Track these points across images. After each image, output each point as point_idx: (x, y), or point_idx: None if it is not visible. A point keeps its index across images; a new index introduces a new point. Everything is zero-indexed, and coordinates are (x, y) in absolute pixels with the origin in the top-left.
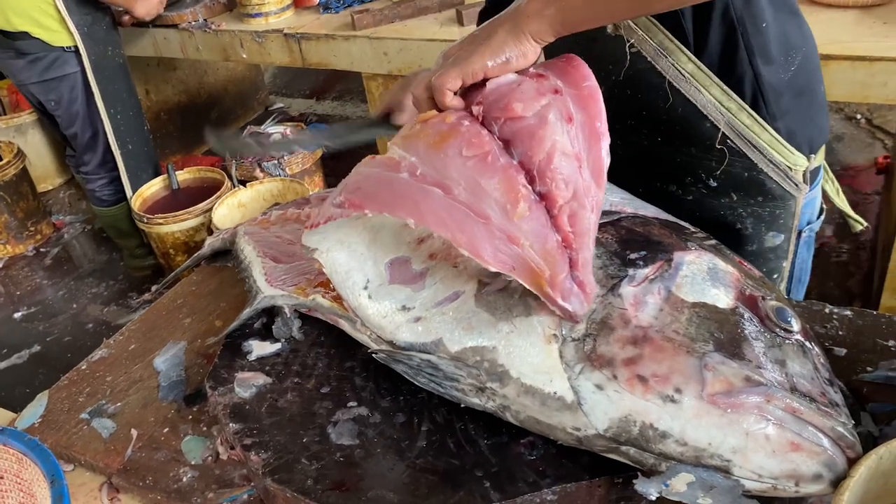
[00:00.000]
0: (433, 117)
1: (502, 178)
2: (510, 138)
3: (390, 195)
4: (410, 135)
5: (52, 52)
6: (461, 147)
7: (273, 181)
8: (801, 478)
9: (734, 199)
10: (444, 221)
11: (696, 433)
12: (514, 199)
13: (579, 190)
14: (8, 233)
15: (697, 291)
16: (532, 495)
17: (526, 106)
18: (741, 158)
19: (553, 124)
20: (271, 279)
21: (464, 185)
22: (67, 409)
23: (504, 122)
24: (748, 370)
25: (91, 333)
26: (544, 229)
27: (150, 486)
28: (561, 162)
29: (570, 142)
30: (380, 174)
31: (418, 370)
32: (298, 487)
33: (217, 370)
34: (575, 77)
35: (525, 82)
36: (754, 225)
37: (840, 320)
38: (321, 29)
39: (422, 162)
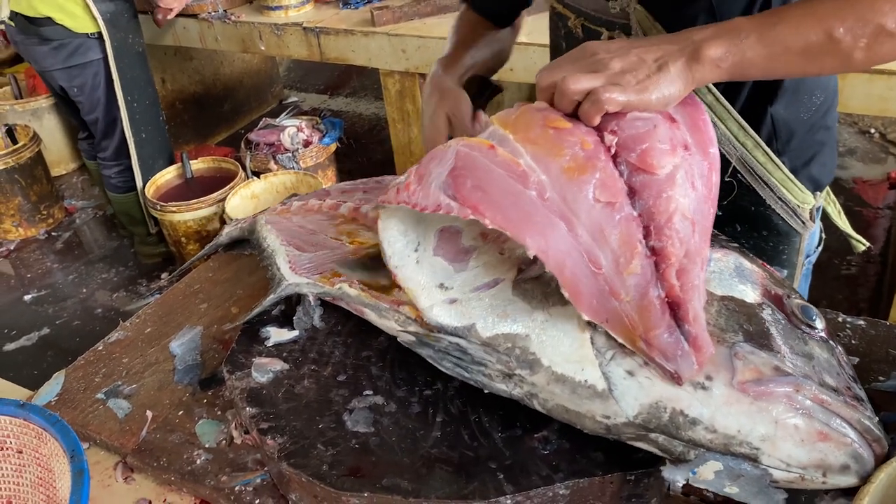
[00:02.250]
0: (565, 129)
1: (624, 231)
2: (637, 188)
3: (517, 213)
4: (540, 142)
5: (76, 39)
6: (595, 187)
7: (286, 174)
8: (829, 468)
9: (738, 230)
10: (563, 263)
11: (726, 420)
12: (630, 255)
13: (691, 249)
14: (21, 216)
15: (725, 286)
16: (545, 489)
17: (660, 161)
18: (750, 193)
19: (680, 187)
20: (295, 267)
21: (588, 227)
22: (83, 389)
23: (635, 171)
24: (777, 360)
25: (100, 319)
26: (647, 284)
27: (165, 467)
28: (680, 223)
29: (690, 206)
30: (505, 180)
31: (445, 353)
32: (314, 472)
33: (235, 355)
34: (703, 139)
35: (661, 127)
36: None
37: (853, 330)
38: (340, 24)
39: (552, 186)
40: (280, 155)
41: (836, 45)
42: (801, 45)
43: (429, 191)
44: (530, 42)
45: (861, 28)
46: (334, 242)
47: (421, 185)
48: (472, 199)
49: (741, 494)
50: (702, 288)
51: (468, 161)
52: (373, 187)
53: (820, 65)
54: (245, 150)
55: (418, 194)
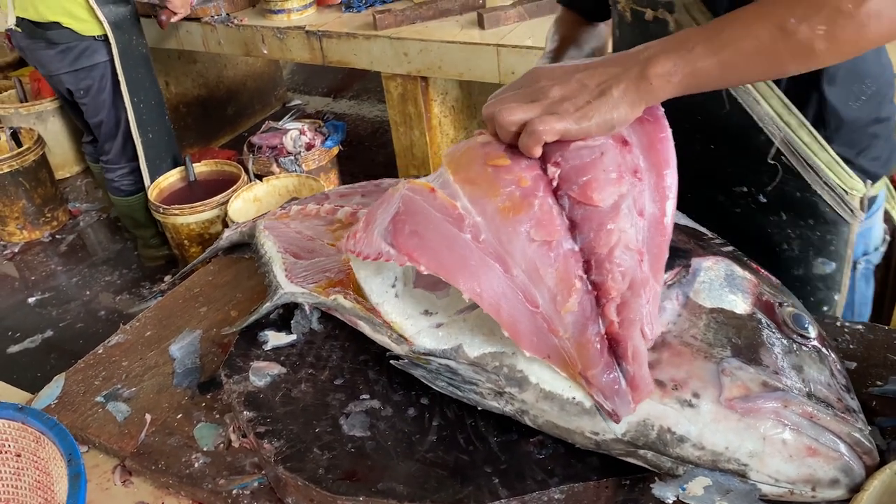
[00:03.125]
0: (503, 166)
1: (560, 268)
2: (578, 221)
3: (451, 258)
4: (479, 182)
5: (83, 42)
6: (531, 227)
7: (289, 177)
8: (818, 483)
9: (783, 219)
10: (499, 304)
11: (714, 437)
12: (567, 292)
13: (636, 282)
14: (25, 218)
15: (715, 297)
16: (540, 493)
17: (603, 194)
18: (794, 177)
19: (624, 218)
20: (292, 276)
21: (524, 266)
22: (83, 392)
23: (576, 204)
24: (765, 375)
25: (103, 321)
26: (586, 320)
27: (163, 470)
28: (622, 256)
29: (636, 235)
30: (441, 224)
31: (437, 374)
32: (310, 476)
33: (233, 358)
34: (658, 160)
35: (608, 153)
36: (801, 248)
37: (851, 334)
38: (343, 27)
39: (487, 227)
40: (282, 158)
41: (792, 38)
42: (753, 46)
43: (372, 238)
44: (533, 45)
45: (814, 14)
46: (331, 249)
47: (366, 233)
48: (408, 246)
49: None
50: (649, 323)
51: (409, 206)
52: (371, 190)
53: (780, 64)
54: (248, 153)
55: (363, 242)
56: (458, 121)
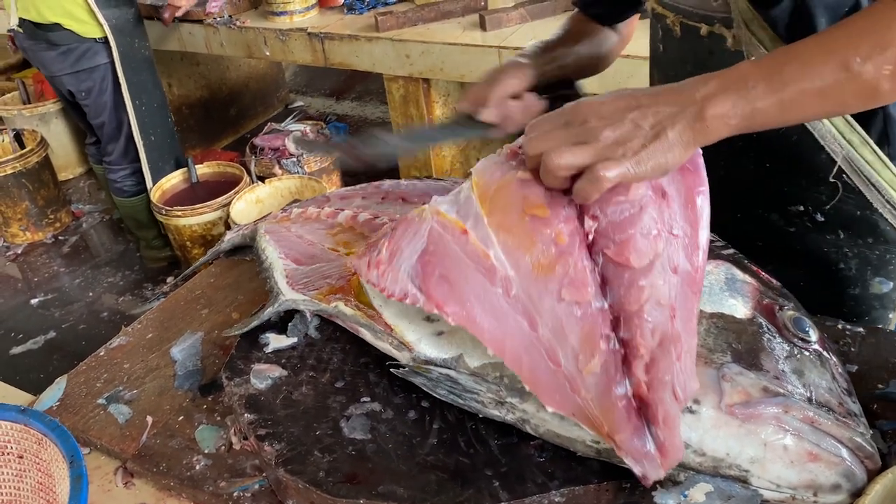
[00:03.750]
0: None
1: (586, 328)
2: (610, 278)
3: (480, 311)
4: (515, 231)
5: (84, 44)
6: (562, 286)
7: (291, 178)
8: (820, 488)
9: (840, 237)
10: (521, 359)
11: (715, 444)
12: (590, 353)
13: (666, 338)
14: (28, 220)
15: (715, 302)
16: (540, 496)
17: (638, 255)
18: (855, 195)
19: (656, 274)
20: (293, 282)
21: (550, 325)
22: (85, 394)
23: (609, 262)
24: (766, 381)
25: (106, 322)
26: (611, 383)
27: (164, 472)
28: (653, 311)
29: (668, 292)
30: (472, 274)
31: (437, 383)
32: (310, 479)
33: (234, 361)
34: (694, 217)
35: (648, 209)
36: (859, 267)
37: (852, 337)
38: (345, 29)
39: (519, 283)
40: (285, 160)
41: (857, 78)
42: (816, 85)
43: (397, 275)
44: None
45: (881, 54)
46: (331, 254)
47: (390, 266)
48: (437, 293)
49: None
50: (681, 384)
51: (439, 246)
52: (371, 192)
53: (843, 104)
54: (250, 154)
55: (388, 277)
56: None
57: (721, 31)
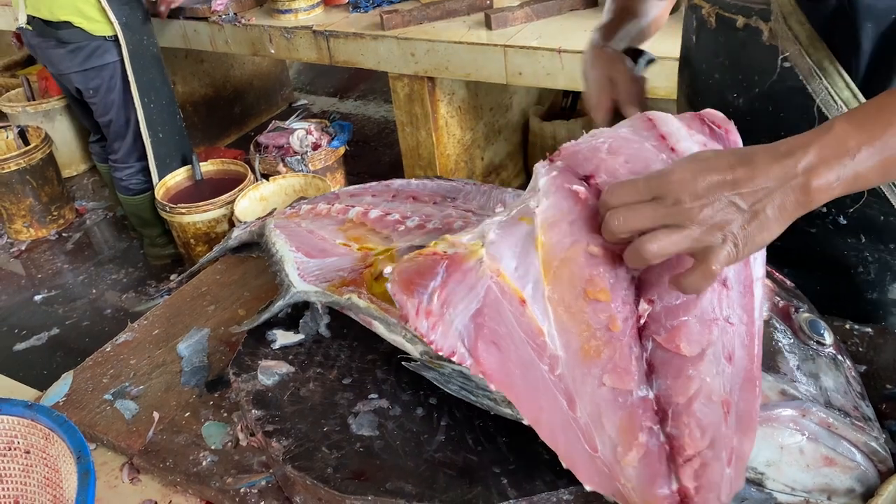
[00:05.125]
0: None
1: (625, 417)
2: (657, 365)
3: (522, 383)
4: (573, 311)
5: (94, 42)
6: (604, 371)
7: (295, 176)
8: (834, 492)
9: (862, 241)
10: (556, 436)
11: None
12: (628, 444)
13: (718, 439)
14: (32, 216)
15: None
16: (549, 494)
17: (689, 343)
18: (879, 200)
19: (708, 364)
20: (304, 274)
21: (589, 409)
22: (91, 390)
23: (659, 348)
24: (783, 384)
25: (109, 319)
26: (655, 476)
27: (171, 468)
28: (703, 408)
29: (721, 384)
30: (521, 347)
31: (450, 378)
32: (318, 475)
33: (241, 357)
34: (751, 304)
35: (706, 297)
36: (878, 272)
37: (861, 338)
38: (350, 27)
39: (566, 363)
40: (289, 157)
41: None
42: None
43: (448, 331)
44: (539, 46)
45: None
46: (342, 249)
47: (441, 320)
48: (485, 359)
49: None
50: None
51: (494, 310)
52: (381, 190)
53: None
54: (254, 152)
55: (438, 331)
56: (464, 121)
57: (758, 23)
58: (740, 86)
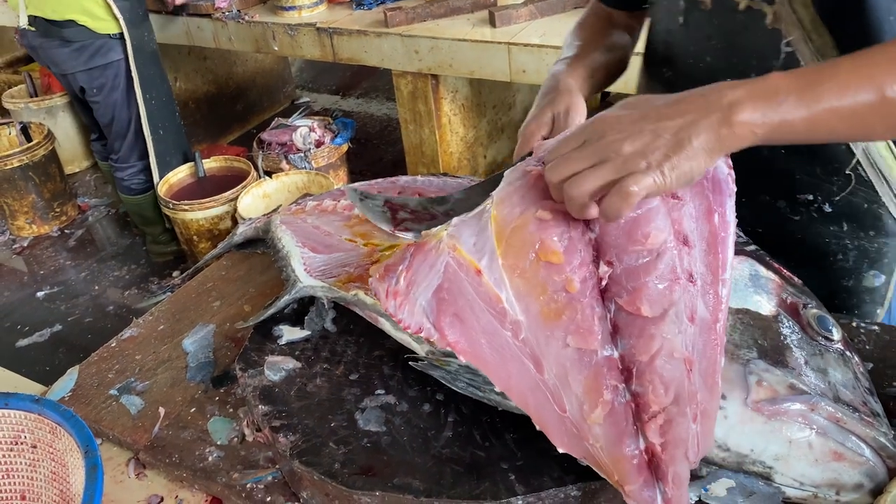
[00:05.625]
0: (556, 265)
1: (589, 377)
2: (621, 326)
3: (488, 351)
4: (527, 276)
5: (99, 40)
6: (567, 332)
7: (298, 173)
8: (843, 487)
9: (844, 229)
10: (527, 399)
11: (739, 439)
12: (594, 402)
13: (682, 396)
14: (34, 213)
15: (740, 297)
16: (557, 490)
17: (650, 303)
18: (866, 189)
19: (670, 323)
20: (311, 270)
21: (555, 370)
22: (97, 385)
23: (621, 310)
24: (792, 378)
25: (111, 316)
26: (622, 435)
27: (177, 463)
28: (665, 365)
29: (683, 343)
30: (482, 315)
31: (456, 375)
32: (325, 470)
33: (247, 353)
34: (716, 262)
35: (665, 256)
36: (857, 260)
37: (867, 335)
38: (353, 24)
39: (529, 327)
40: (292, 155)
41: (890, 106)
42: (848, 106)
43: (413, 308)
44: (544, 44)
45: None
46: (349, 244)
47: (407, 299)
48: (450, 331)
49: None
50: (696, 444)
51: (454, 284)
52: (387, 187)
53: (871, 128)
54: (257, 149)
55: (405, 310)
56: (467, 119)
57: (761, 5)
58: (735, 70)
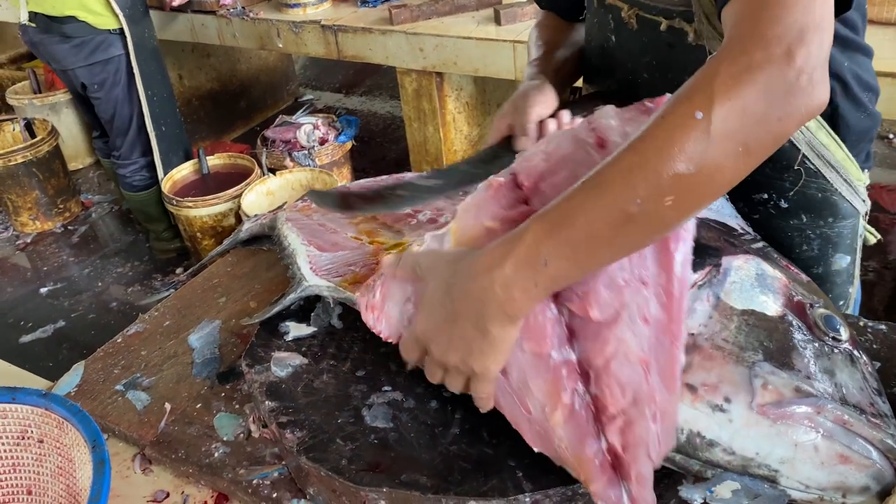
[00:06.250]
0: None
1: (547, 380)
2: (576, 331)
3: None
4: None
5: (98, 36)
6: (523, 337)
7: (302, 171)
8: (849, 490)
9: (804, 221)
10: (500, 402)
11: (745, 443)
12: (553, 405)
13: (641, 397)
14: (38, 209)
15: (746, 298)
16: (564, 488)
17: (600, 308)
18: (816, 179)
19: (622, 326)
20: (316, 268)
21: (516, 375)
22: (103, 380)
23: (573, 315)
24: (798, 380)
25: (114, 312)
26: (584, 435)
27: (183, 459)
28: (621, 368)
29: (639, 344)
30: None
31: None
32: (333, 466)
33: (254, 349)
34: (668, 260)
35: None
36: (821, 246)
37: (874, 334)
38: (358, 22)
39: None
40: (296, 152)
41: (641, 220)
42: (606, 243)
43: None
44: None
45: (655, 187)
46: (354, 242)
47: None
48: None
49: None
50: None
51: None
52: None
53: (637, 243)
54: (261, 146)
55: (381, 322)
56: (472, 117)
57: (682, 25)
58: (672, 83)
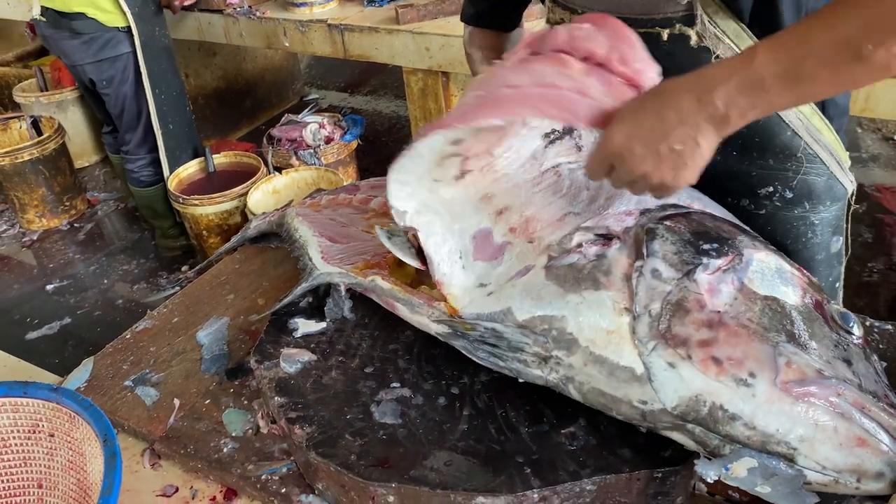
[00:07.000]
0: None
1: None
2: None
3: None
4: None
5: (107, 33)
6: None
7: (308, 169)
8: (864, 474)
9: (806, 208)
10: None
11: (766, 418)
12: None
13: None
14: (44, 206)
15: (768, 286)
16: (572, 484)
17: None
18: (814, 164)
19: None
20: (328, 257)
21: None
22: (112, 376)
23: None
24: (820, 363)
25: (120, 310)
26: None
27: (192, 454)
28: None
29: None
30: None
31: (480, 342)
32: (342, 462)
33: (263, 345)
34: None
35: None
36: (823, 232)
37: (881, 334)
38: (365, 21)
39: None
40: (302, 151)
41: (868, 63)
42: (830, 78)
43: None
44: None
45: (889, 37)
46: (365, 235)
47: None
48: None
49: (772, 494)
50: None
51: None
52: None
53: (854, 84)
54: (267, 145)
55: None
56: None
57: (683, 30)
58: None
